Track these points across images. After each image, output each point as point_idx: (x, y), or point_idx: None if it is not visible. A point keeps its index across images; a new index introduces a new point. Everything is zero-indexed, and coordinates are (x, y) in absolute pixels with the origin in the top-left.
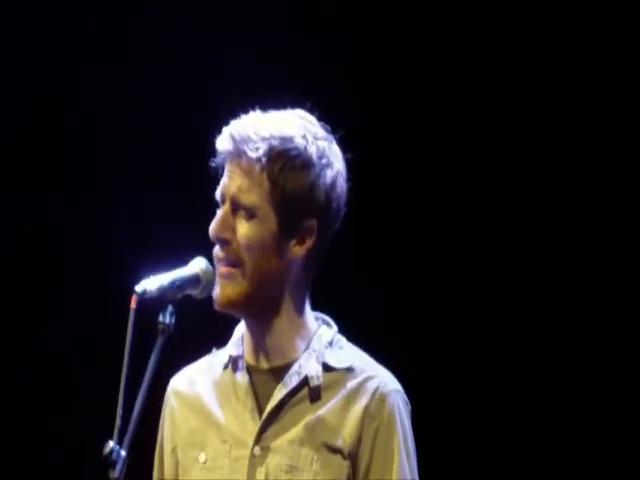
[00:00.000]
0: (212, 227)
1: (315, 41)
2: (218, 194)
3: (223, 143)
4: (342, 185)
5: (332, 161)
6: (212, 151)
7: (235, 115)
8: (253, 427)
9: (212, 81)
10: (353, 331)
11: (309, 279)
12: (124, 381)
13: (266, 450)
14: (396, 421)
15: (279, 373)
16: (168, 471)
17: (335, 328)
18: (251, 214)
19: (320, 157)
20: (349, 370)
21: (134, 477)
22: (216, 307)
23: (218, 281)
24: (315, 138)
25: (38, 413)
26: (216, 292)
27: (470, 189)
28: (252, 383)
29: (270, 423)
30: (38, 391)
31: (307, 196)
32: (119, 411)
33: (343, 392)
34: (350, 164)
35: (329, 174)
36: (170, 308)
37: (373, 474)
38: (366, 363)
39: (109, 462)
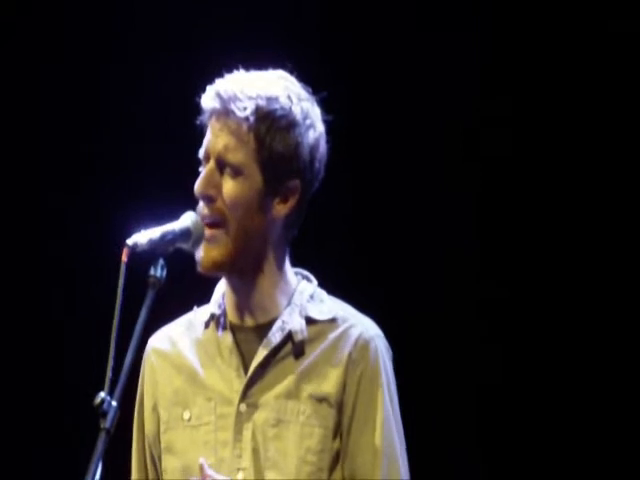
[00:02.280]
0: (197, 184)
1: (315, 41)
2: (202, 152)
3: (209, 101)
4: (324, 146)
5: (315, 122)
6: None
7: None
8: (238, 385)
9: (211, 75)
10: None
11: (289, 237)
12: (115, 333)
13: (252, 406)
14: (379, 366)
15: (263, 330)
16: (149, 427)
17: (315, 282)
18: (237, 172)
19: (304, 118)
20: (332, 321)
21: (124, 427)
22: (200, 270)
23: (202, 244)
24: (299, 99)
25: (31, 366)
26: (200, 255)
27: (466, 181)
28: (236, 341)
29: (255, 380)
30: (30, 344)
31: (292, 156)
32: (110, 363)
33: (326, 343)
34: (348, 159)
35: (312, 135)
36: (161, 261)
37: (358, 418)
38: (348, 313)
39: (100, 412)
